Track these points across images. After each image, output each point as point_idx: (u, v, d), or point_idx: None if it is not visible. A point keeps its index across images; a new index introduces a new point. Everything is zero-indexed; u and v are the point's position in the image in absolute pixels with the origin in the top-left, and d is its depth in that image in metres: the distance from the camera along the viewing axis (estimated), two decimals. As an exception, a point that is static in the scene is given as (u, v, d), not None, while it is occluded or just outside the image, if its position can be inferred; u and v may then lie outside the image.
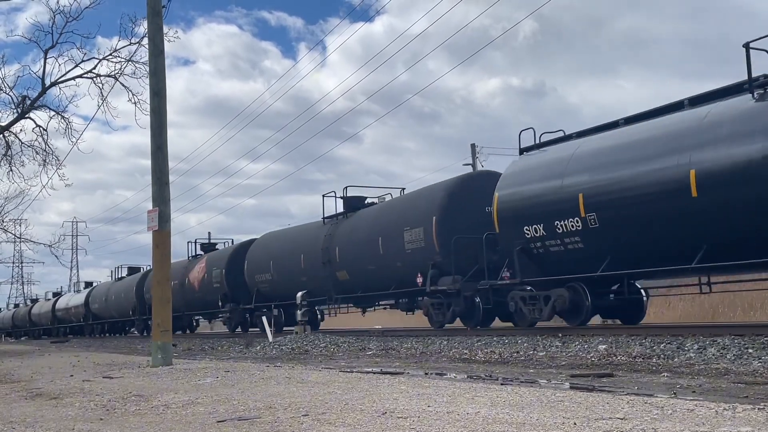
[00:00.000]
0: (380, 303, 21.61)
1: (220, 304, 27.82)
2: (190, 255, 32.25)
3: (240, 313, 26.85)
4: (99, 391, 7.27)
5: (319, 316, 24.99)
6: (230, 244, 30.84)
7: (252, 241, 27.62)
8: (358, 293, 20.25)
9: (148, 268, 38.05)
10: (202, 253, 32.04)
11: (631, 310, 14.65)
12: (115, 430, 4.60)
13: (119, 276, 46.55)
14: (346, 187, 21.84)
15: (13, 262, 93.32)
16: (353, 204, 21.45)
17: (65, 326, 52.34)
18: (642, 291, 14.47)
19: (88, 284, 57.11)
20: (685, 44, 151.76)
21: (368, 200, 21.86)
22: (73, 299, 51.29)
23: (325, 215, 22.30)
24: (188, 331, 34.52)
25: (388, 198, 21.25)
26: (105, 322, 44.40)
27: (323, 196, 22.41)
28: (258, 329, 24.12)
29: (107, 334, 45.41)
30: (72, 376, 9.84)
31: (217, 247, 32.10)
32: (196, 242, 32.59)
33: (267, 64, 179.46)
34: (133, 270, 47.38)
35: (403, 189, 21.11)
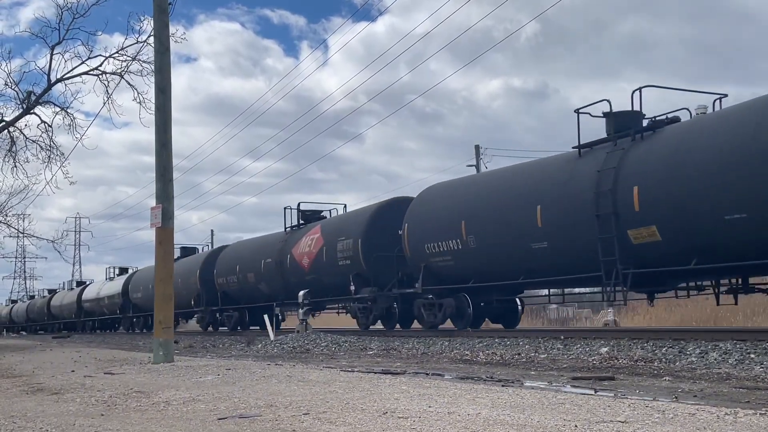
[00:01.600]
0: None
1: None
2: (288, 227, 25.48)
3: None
4: (100, 386, 7.28)
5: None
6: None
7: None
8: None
9: (209, 248, 36.87)
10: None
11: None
12: (116, 425, 4.60)
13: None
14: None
15: (16, 257, 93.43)
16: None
17: (93, 319, 46.35)
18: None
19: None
20: (688, 47, 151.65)
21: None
22: (105, 288, 43.59)
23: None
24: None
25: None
26: (150, 314, 32.74)
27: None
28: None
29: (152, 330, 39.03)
30: (73, 371, 9.86)
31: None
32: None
33: (269, 63, 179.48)
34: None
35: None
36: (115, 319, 42.54)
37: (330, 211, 24.96)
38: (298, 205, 25.11)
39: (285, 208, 25.14)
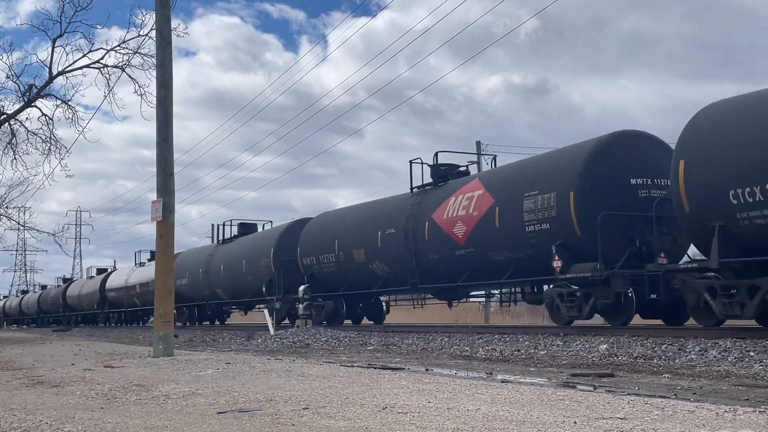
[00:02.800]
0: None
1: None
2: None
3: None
4: (100, 380, 7.29)
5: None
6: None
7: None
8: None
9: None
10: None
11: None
12: (116, 419, 4.60)
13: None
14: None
15: (17, 250, 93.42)
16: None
17: (120, 311, 41.59)
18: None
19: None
20: (689, 44, 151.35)
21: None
22: (136, 274, 38.06)
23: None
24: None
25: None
26: (199, 305, 31.44)
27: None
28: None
29: (199, 322, 32.63)
30: (73, 364, 9.86)
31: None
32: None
33: (268, 57, 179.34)
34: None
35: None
36: (148, 310, 36.54)
37: (467, 166, 19.91)
38: (436, 155, 19.36)
39: (411, 162, 19.70)
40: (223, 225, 30.90)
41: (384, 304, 23.42)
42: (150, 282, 32.98)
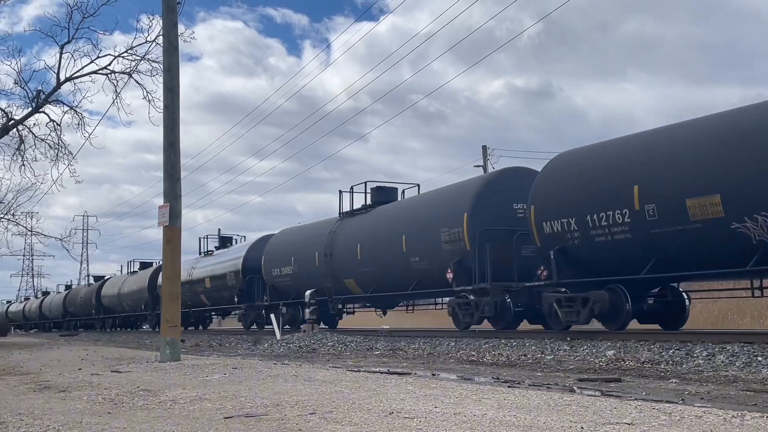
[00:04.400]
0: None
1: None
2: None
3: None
4: (107, 384, 7.30)
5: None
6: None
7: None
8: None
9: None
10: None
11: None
12: (123, 424, 4.61)
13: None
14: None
15: (24, 255, 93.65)
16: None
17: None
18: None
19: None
20: (692, 47, 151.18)
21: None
22: (204, 266, 31.24)
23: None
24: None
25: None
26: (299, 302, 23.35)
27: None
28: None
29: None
30: (80, 369, 9.88)
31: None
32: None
33: (272, 61, 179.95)
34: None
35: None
36: (222, 310, 32.18)
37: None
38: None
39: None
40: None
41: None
42: (230, 275, 28.74)
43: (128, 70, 20.35)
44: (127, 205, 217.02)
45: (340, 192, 22.40)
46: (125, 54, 20.43)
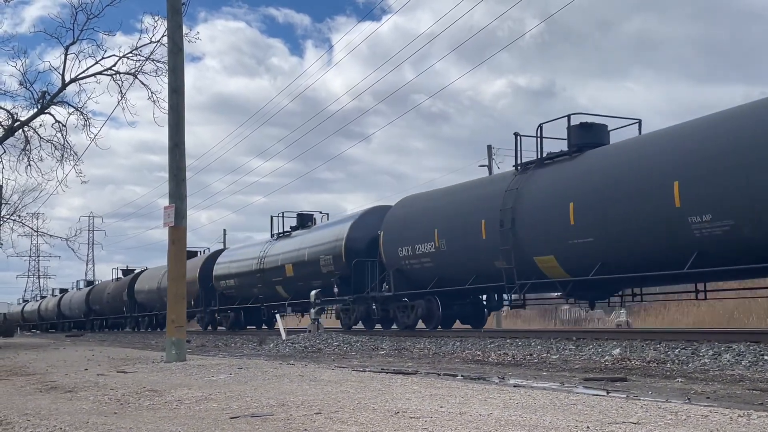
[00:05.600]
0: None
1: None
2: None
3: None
4: (113, 385, 7.31)
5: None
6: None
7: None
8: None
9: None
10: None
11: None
12: (129, 424, 4.62)
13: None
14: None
15: (30, 256, 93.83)
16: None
17: (238, 307, 28.71)
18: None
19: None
20: (695, 46, 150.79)
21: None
22: (279, 251, 25.18)
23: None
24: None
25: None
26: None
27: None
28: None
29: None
30: (86, 369, 9.90)
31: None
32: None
33: (274, 62, 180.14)
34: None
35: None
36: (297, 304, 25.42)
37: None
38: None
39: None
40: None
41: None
42: (302, 261, 23.74)
43: (133, 71, 20.37)
44: (131, 206, 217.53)
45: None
46: (130, 55, 20.46)
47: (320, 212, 26.18)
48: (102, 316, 46.22)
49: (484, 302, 19.23)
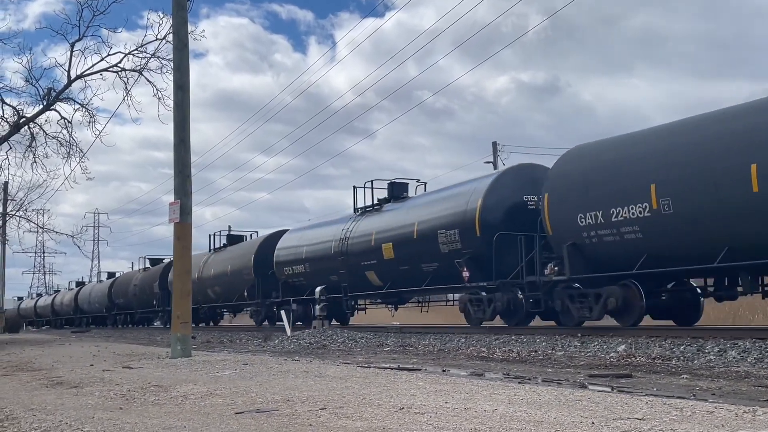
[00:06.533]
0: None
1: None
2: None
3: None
4: (119, 380, 7.33)
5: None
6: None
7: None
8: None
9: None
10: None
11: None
12: (135, 419, 4.63)
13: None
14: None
15: (36, 252, 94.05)
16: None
17: (302, 299, 24.41)
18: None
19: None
20: (700, 42, 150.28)
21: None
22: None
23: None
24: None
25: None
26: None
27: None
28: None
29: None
30: (92, 365, 9.93)
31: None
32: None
33: (277, 58, 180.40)
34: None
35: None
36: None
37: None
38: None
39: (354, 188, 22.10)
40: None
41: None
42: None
43: (138, 68, 20.38)
44: (135, 203, 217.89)
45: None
46: (135, 51, 20.46)
47: (417, 180, 21.65)
48: (126, 310, 41.76)
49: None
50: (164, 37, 19.22)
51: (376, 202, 21.47)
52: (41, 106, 21.73)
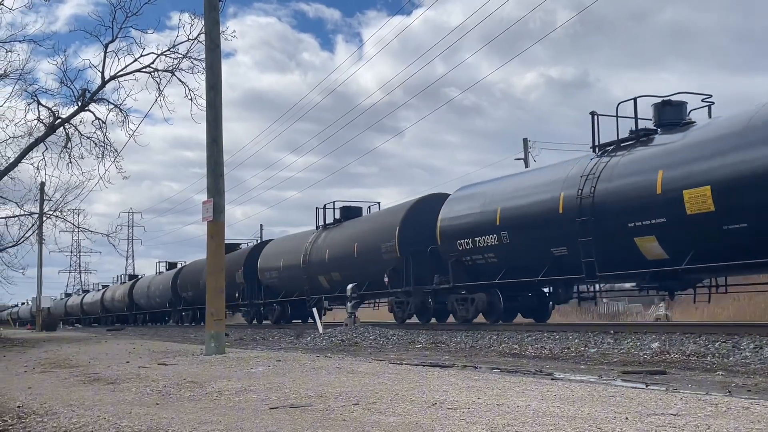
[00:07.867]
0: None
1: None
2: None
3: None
4: (154, 377, 7.43)
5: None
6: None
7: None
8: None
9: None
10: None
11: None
12: (171, 414, 4.70)
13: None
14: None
15: (71, 252, 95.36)
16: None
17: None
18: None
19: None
20: (731, 36, 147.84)
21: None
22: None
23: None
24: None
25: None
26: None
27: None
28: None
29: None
30: (128, 362, 10.07)
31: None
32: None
33: (305, 57, 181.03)
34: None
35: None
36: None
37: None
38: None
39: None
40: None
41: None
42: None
43: (171, 68, 20.60)
44: (167, 202, 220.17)
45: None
46: (167, 52, 20.68)
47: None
48: (195, 305, 36.29)
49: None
50: (196, 38, 19.42)
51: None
52: (76, 107, 22.05)
